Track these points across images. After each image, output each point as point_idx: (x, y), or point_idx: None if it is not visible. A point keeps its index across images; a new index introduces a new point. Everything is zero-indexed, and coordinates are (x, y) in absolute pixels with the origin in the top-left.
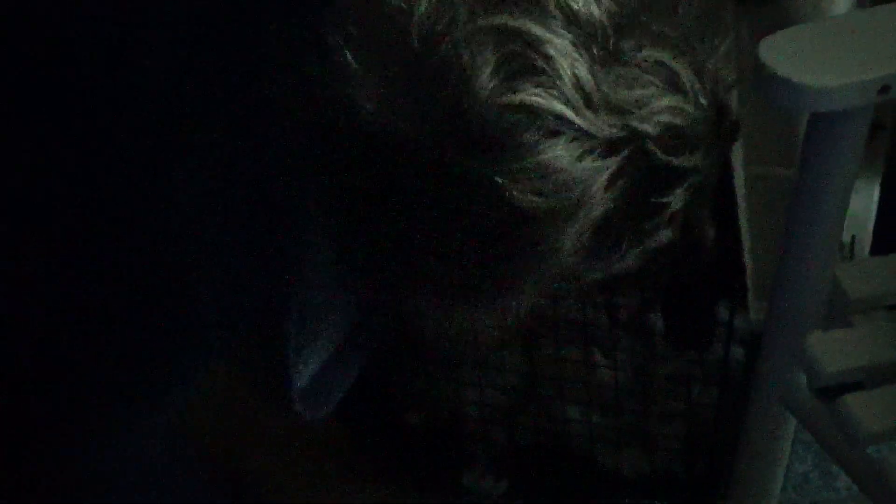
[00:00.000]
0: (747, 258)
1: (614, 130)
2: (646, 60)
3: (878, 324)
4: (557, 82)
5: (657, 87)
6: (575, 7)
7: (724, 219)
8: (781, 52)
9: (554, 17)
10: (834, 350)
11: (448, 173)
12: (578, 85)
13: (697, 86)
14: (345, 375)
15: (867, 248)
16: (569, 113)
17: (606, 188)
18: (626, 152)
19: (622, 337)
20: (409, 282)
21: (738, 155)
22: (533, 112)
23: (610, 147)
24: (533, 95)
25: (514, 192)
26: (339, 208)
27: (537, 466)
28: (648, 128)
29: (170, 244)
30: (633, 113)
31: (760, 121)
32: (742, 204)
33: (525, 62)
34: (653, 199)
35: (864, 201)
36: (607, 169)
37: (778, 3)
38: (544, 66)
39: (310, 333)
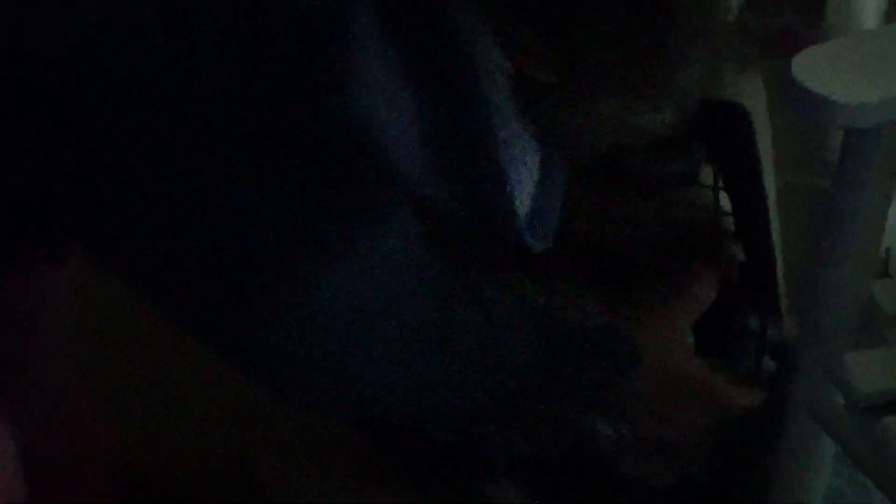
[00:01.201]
0: (780, 269)
1: None
2: None
3: None
4: None
5: None
6: None
7: (756, 229)
8: (815, 69)
9: None
10: (871, 370)
11: None
12: None
13: None
14: (553, 201)
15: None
16: None
17: None
18: None
19: None
20: (598, 82)
21: (768, 164)
22: None
23: None
24: None
25: None
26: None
27: (561, 476)
28: None
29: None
30: None
31: (791, 129)
32: (774, 214)
33: None
34: None
35: None
36: None
37: None
38: None
39: (516, 167)
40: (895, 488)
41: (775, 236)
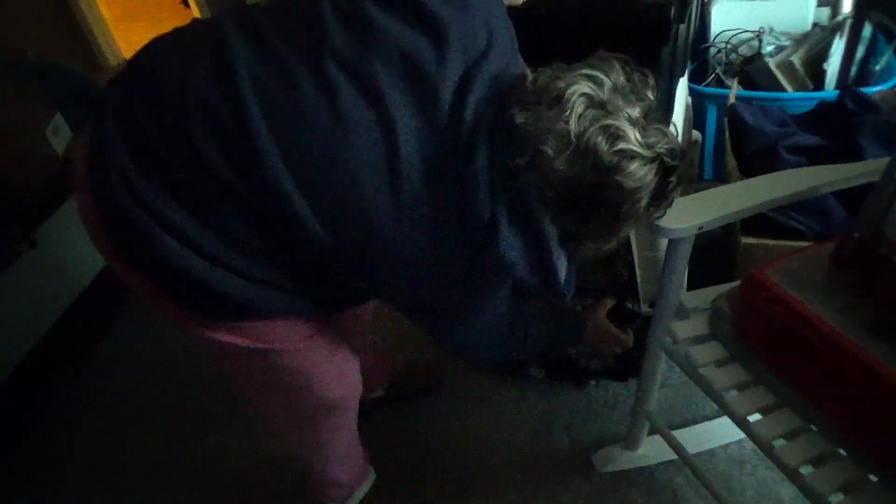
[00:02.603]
0: (639, 283)
1: (651, 154)
2: (656, 127)
3: (699, 318)
4: (630, 139)
5: (662, 136)
6: (631, 114)
7: (629, 268)
8: None
9: (623, 118)
10: (682, 329)
11: (595, 185)
12: (637, 139)
13: (676, 136)
14: (572, 279)
15: (685, 285)
16: (637, 149)
17: (654, 176)
18: (657, 162)
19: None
20: (581, 237)
21: (634, 243)
22: (623, 152)
23: (651, 160)
24: (622, 145)
25: (623, 182)
26: (562, 215)
27: (557, 365)
28: (663, 151)
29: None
30: (656, 146)
31: (644, 235)
32: (637, 263)
33: (616, 135)
34: (668, 180)
35: None
36: (653, 169)
37: None
38: (623, 134)
39: (560, 268)
40: (693, 376)
41: (637, 272)
